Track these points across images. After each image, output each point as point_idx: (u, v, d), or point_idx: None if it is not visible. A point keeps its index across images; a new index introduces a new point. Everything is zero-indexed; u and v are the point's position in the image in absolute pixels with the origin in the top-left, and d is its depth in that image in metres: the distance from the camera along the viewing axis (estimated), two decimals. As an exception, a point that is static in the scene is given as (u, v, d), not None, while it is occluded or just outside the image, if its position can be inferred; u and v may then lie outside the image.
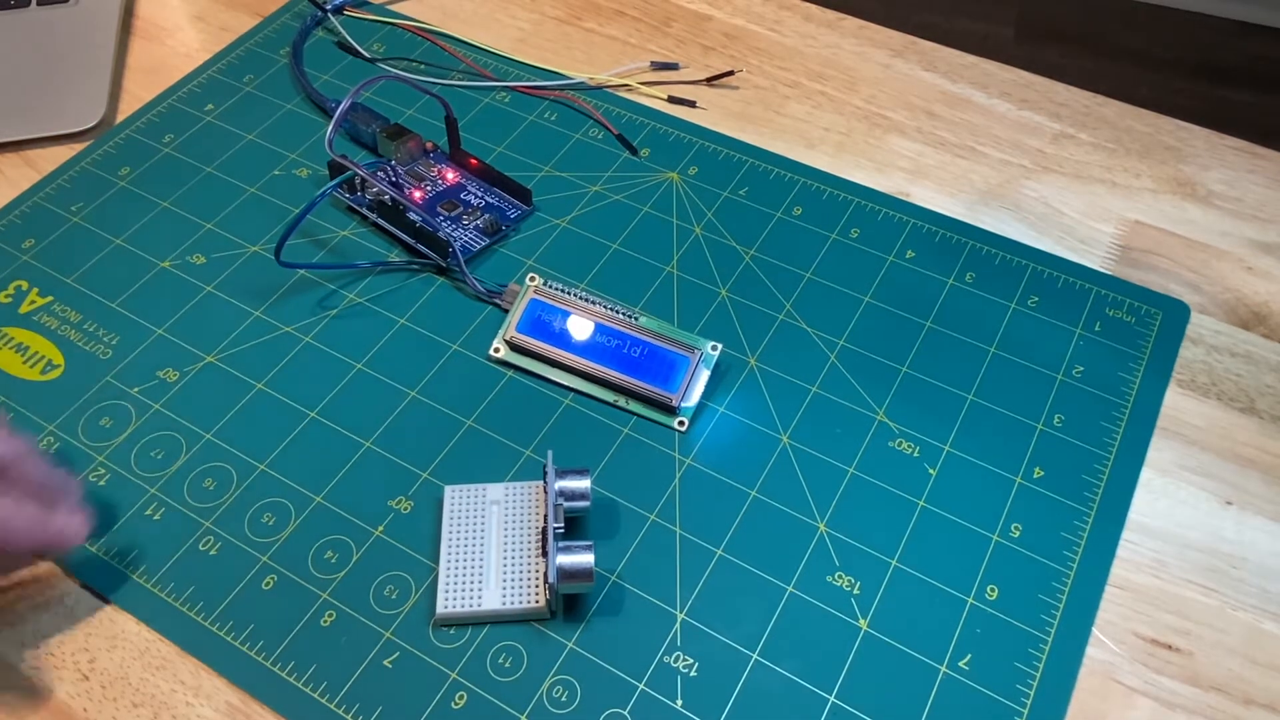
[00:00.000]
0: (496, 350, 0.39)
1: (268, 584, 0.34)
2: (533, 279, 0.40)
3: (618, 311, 0.39)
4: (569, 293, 0.39)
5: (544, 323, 0.39)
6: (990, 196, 0.46)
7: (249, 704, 0.32)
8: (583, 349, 0.38)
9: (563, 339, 0.39)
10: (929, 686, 0.32)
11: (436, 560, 0.34)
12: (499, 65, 0.51)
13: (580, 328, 0.39)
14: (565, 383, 0.39)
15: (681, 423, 0.38)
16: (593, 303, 0.39)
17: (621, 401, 0.38)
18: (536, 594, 0.33)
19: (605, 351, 0.38)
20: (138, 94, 0.50)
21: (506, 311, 0.40)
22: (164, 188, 0.46)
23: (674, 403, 0.37)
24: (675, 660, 0.33)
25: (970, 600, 0.34)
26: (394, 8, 0.54)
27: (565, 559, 0.32)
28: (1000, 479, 0.37)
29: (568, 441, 0.37)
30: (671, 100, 0.49)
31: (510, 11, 0.54)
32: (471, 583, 0.33)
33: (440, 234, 0.41)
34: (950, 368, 0.39)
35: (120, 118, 0.49)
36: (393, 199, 0.42)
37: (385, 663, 0.32)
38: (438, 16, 0.54)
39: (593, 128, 0.48)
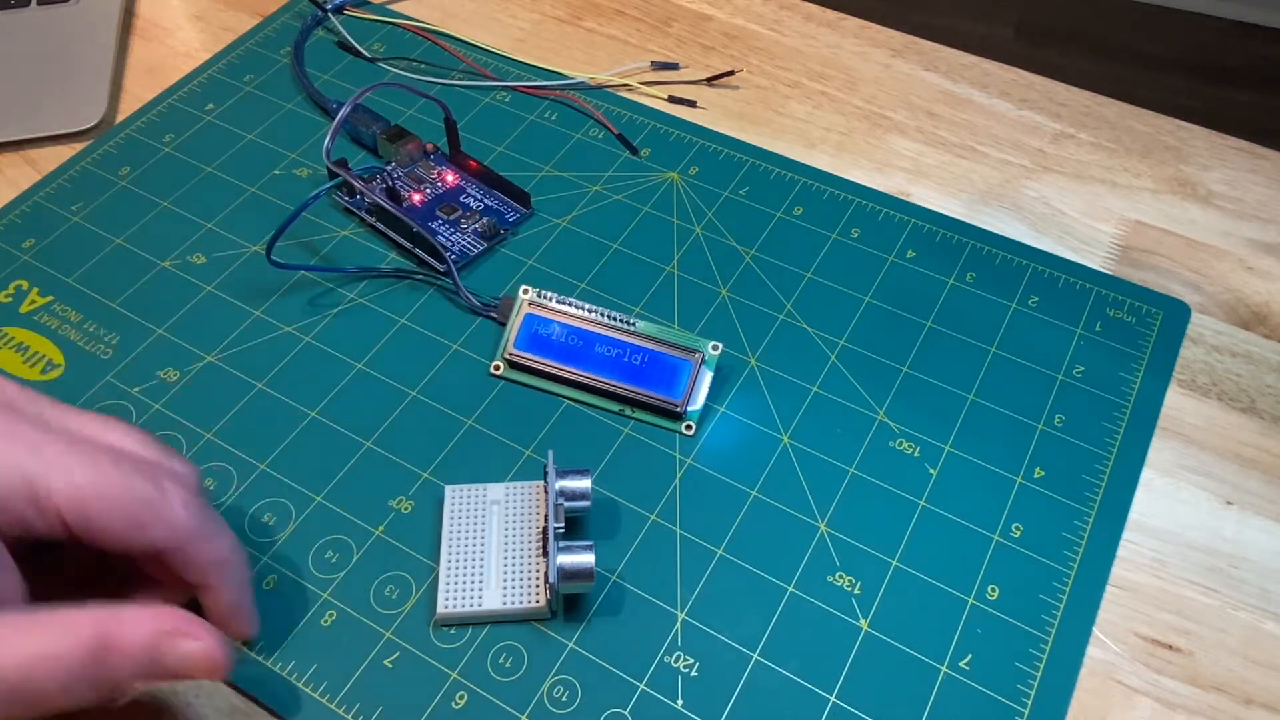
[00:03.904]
0: (497, 368, 0.39)
1: (268, 584, 0.34)
2: (525, 290, 0.39)
3: (615, 319, 0.39)
4: (564, 303, 0.39)
5: (542, 337, 0.39)
6: (990, 196, 0.46)
7: (249, 704, 0.32)
8: (584, 361, 0.38)
9: (563, 352, 0.38)
10: (929, 686, 0.32)
11: (437, 560, 0.34)
12: (499, 65, 0.51)
13: (579, 340, 0.38)
14: (570, 395, 0.39)
15: (689, 426, 0.38)
16: (589, 311, 0.39)
17: (627, 411, 0.38)
18: (537, 594, 0.33)
19: (606, 362, 0.38)
20: (138, 94, 0.50)
21: (502, 325, 0.40)
22: (164, 188, 0.46)
23: (680, 408, 0.37)
24: (676, 660, 0.33)
25: (971, 600, 0.34)
26: (394, 7, 0.54)
27: (566, 559, 0.32)
28: (1001, 479, 0.37)
29: (568, 441, 0.37)
30: (672, 100, 0.49)
31: (510, 11, 0.54)
32: (472, 583, 0.33)
33: (436, 241, 0.41)
34: (951, 368, 0.39)
35: (120, 117, 0.49)
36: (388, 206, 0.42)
37: (385, 663, 0.32)
38: (438, 16, 0.54)
39: (593, 128, 0.48)
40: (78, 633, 0.25)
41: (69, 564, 0.29)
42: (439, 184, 0.45)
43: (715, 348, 0.38)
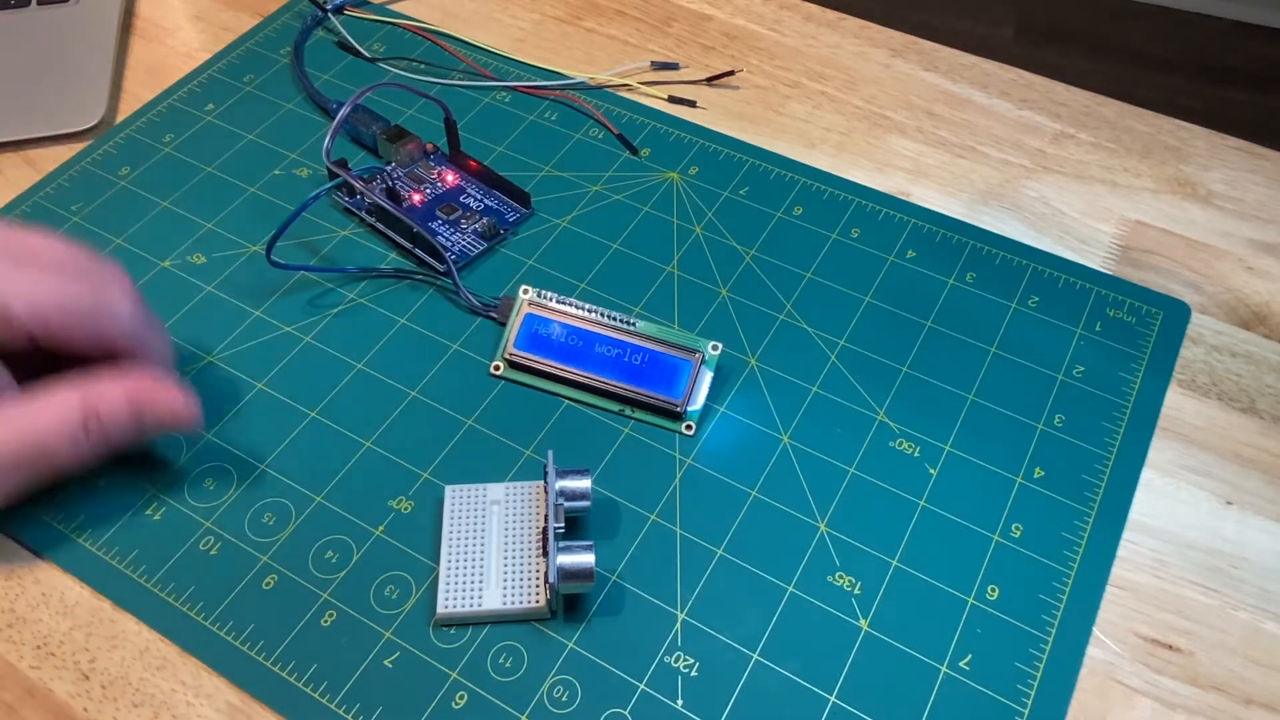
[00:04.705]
0: (497, 368, 0.39)
1: (268, 584, 0.34)
2: (525, 290, 0.39)
3: (615, 319, 0.39)
4: (564, 303, 0.39)
5: (542, 337, 0.39)
6: (990, 196, 0.46)
7: (249, 704, 0.32)
8: (584, 361, 0.38)
9: (563, 352, 0.38)
10: (930, 686, 0.32)
11: (437, 560, 0.34)
12: (499, 65, 0.51)
13: (579, 340, 0.38)
14: (570, 395, 0.39)
15: (689, 426, 0.38)
16: (589, 311, 0.39)
17: (627, 411, 0.38)
18: (537, 594, 0.33)
19: (606, 362, 0.38)
20: (138, 94, 0.50)
21: (502, 325, 0.40)
22: (164, 188, 0.46)
23: (680, 408, 0.37)
24: (676, 660, 0.33)
25: (971, 600, 0.34)
26: (394, 7, 0.54)
27: (566, 559, 0.32)
28: (1001, 479, 0.37)
29: (568, 441, 0.37)
30: (672, 100, 0.49)
31: (510, 11, 0.54)
32: (472, 583, 0.33)
33: (436, 241, 0.41)
34: (951, 368, 0.39)
35: (120, 117, 0.49)
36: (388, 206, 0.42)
37: (385, 663, 0.32)
38: (438, 16, 0.54)
39: (593, 128, 0.48)
40: (68, 403, 0.32)
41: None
42: (439, 184, 0.45)
43: (715, 348, 0.38)
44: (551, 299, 0.39)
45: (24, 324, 0.31)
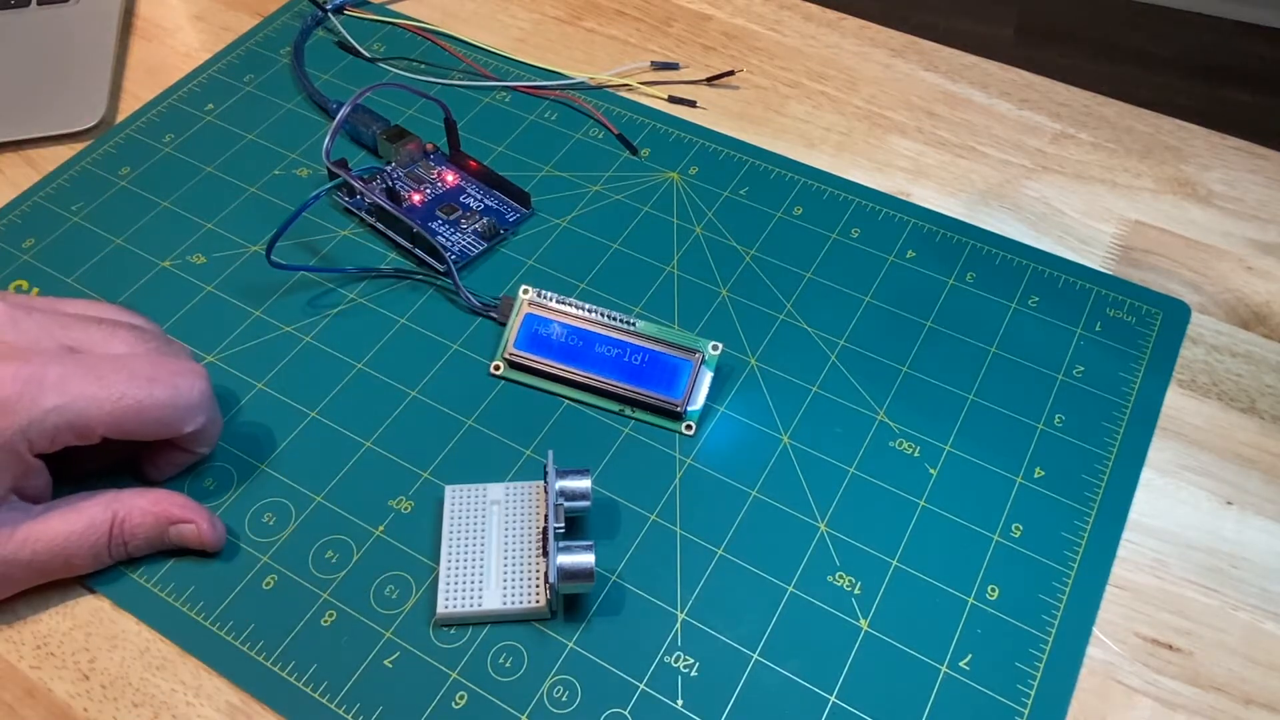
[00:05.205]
0: (497, 368, 0.39)
1: (268, 584, 0.34)
2: (525, 290, 0.39)
3: (615, 319, 0.39)
4: (564, 303, 0.39)
5: (542, 337, 0.39)
6: (990, 196, 0.46)
7: (249, 704, 0.32)
8: (584, 361, 0.38)
9: (563, 352, 0.38)
10: (930, 686, 0.32)
11: (437, 560, 0.34)
12: (499, 65, 0.51)
13: (579, 340, 0.38)
14: (570, 395, 0.39)
15: (689, 426, 0.38)
16: (589, 311, 0.39)
17: (627, 411, 0.38)
18: (537, 594, 0.33)
19: (606, 362, 0.38)
20: (138, 94, 0.50)
21: (502, 325, 0.40)
22: (164, 188, 0.46)
23: (679, 408, 0.37)
24: (676, 660, 0.33)
25: (971, 600, 0.34)
26: (394, 7, 0.54)
27: (566, 559, 0.32)
28: (1001, 479, 0.37)
29: (568, 441, 0.37)
30: (672, 100, 0.49)
31: (510, 11, 0.54)
32: (472, 583, 0.33)
33: (436, 241, 0.41)
34: (951, 368, 0.39)
35: (120, 117, 0.49)
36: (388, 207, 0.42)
37: (385, 663, 0.32)
38: (438, 16, 0.54)
39: (593, 127, 0.48)
40: (99, 521, 0.33)
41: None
42: (439, 184, 0.45)
43: (715, 348, 0.38)
44: (551, 299, 0.39)
45: (101, 432, 0.32)
